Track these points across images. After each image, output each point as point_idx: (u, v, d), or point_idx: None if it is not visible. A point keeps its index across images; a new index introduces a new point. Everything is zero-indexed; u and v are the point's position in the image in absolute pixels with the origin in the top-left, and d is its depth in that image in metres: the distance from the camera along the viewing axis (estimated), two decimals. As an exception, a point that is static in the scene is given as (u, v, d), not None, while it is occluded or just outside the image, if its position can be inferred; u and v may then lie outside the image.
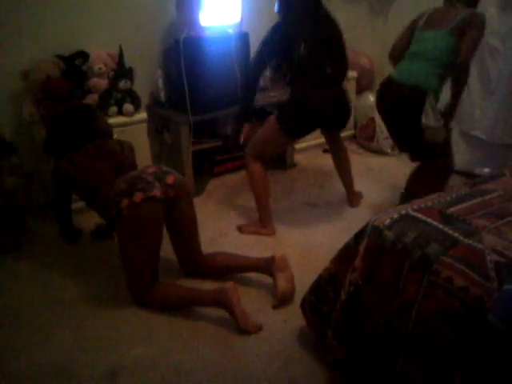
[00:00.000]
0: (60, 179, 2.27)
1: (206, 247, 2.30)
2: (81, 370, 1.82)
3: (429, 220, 1.50)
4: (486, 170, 3.15)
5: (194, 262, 2.26)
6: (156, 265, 2.09)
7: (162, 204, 2.03)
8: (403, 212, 1.56)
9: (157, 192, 1.99)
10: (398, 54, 2.54)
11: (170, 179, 2.07)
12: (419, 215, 1.53)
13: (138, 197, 1.95)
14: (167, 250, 2.26)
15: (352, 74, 3.75)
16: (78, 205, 2.65)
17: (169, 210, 2.09)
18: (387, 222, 1.52)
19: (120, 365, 1.83)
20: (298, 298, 1.93)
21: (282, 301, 2.08)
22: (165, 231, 2.17)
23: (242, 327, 1.91)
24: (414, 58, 2.40)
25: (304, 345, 1.88)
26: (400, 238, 1.45)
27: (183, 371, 1.79)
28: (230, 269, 2.27)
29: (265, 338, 1.93)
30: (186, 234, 2.20)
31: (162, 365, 1.83)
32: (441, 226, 1.46)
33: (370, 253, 1.53)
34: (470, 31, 2.25)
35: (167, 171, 2.13)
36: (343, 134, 3.08)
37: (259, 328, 1.95)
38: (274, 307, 2.08)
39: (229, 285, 1.93)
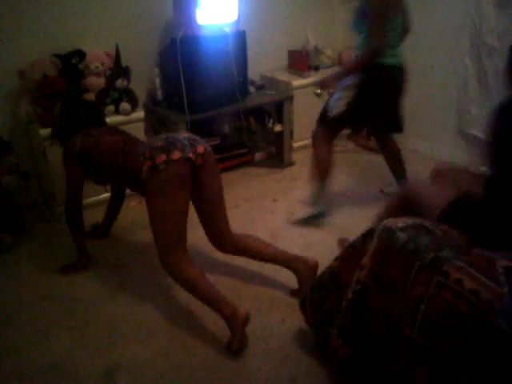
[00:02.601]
0: (75, 156, 2.21)
1: (205, 244, 2.28)
2: (79, 368, 1.82)
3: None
4: (484, 168, 3.15)
5: (223, 236, 2.20)
6: (185, 226, 2.00)
7: (193, 167, 2.01)
8: (418, 222, 1.54)
9: (192, 154, 1.99)
10: None
11: (200, 148, 2.04)
12: (432, 227, 1.52)
13: (176, 154, 1.94)
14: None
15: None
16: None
17: (196, 179, 2.05)
18: (400, 224, 1.50)
19: (118, 363, 1.83)
20: (296, 298, 1.93)
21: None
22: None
23: (232, 350, 1.85)
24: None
25: (302, 344, 1.88)
26: (413, 239, 1.43)
27: (181, 370, 1.79)
28: (259, 255, 2.21)
29: (263, 337, 1.93)
30: (211, 204, 2.15)
31: (160, 363, 1.83)
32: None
33: (380, 252, 1.51)
34: None
35: (198, 140, 2.10)
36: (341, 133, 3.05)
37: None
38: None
39: (242, 313, 1.87)
